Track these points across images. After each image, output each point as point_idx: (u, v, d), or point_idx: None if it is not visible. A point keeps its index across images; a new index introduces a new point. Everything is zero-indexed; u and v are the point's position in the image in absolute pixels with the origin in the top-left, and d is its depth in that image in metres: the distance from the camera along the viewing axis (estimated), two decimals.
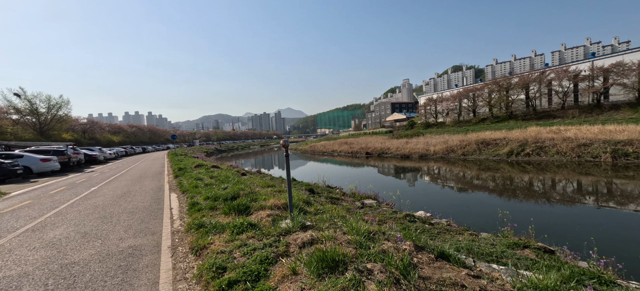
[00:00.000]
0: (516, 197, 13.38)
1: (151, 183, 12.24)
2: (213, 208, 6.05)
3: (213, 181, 9.58)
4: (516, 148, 25.70)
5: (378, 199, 11.40)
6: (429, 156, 31.65)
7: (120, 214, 6.86)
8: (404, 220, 7.84)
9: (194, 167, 15.32)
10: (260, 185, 8.56)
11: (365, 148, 41.52)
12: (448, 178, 19.85)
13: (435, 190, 16.10)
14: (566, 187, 14.90)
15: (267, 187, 8.35)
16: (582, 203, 11.91)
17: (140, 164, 25.01)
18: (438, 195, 14.82)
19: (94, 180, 14.32)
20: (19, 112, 50.48)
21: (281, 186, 8.96)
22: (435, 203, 12.22)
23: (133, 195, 9.37)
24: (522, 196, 13.48)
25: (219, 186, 8.47)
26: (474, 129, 39.65)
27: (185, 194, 8.70)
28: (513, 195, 13.78)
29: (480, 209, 11.57)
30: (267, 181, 9.99)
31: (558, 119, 37.64)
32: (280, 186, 8.94)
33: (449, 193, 15.34)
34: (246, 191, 7.06)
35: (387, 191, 13.30)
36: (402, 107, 80.00)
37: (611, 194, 12.83)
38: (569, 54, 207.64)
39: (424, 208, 9.44)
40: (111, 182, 13.28)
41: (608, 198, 12.42)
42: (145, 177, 14.64)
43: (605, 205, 11.31)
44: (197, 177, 10.62)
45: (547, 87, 43.31)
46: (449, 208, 11.37)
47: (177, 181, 11.64)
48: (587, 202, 11.99)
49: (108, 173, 17.79)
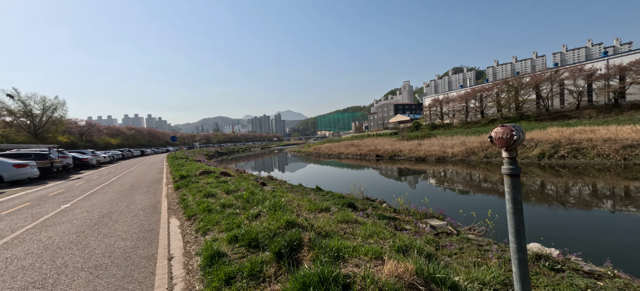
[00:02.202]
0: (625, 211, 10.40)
1: (144, 197, 9.06)
2: (254, 274, 2.90)
3: (232, 199, 6.41)
4: (548, 149, 22.90)
5: (446, 217, 8.39)
6: (447, 159, 28.76)
7: (71, 282, 3.67)
8: (533, 264, 4.83)
9: (199, 173, 12.13)
10: (308, 207, 5.45)
11: (375, 150, 38.54)
12: (492, 185, 16.90)
13: (498, 203, 12.76)
14: None
15: (319, 210, 5.25)
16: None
17: (136, 168, 21.68)
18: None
19: (73, 192, 11.06)
20: (13, 114, 46.69)
21: (343, 212, 5.84)
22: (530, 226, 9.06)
23: (113, 223, 6.19)
24: None
25: (245, 209, 5.35)
26: (485, 131, 36.95)
27: (192, 221, 5.56)
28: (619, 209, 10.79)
29: (610, 236, 8.50)
30: (312, 199, 6.87)
31: (574, 119, 35.06)
32: (342, 210, 5.83)
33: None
34: (297, 220, 3.97)
35: (437, 204, 10.29)
36: (405, 109, 77.18)
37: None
38: (570, 55, 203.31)
39: (540, 239, 6.37)
40: (93, 195, 10.05)
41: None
42: (138, 187, 11.42)
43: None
44: (208, 191, 7.42)
45: (560, 87, 40.79)
46: (565, 236, 7.98)
47: (178, 196, 8.47)
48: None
49: (95, 181, 14.50)
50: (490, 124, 44.45)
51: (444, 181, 18.91)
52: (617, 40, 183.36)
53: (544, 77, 40.42)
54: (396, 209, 9.19)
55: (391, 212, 9.04)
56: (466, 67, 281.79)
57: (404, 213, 8.88)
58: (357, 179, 22.68)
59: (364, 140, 50.06)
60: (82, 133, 61.79)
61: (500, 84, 45.41)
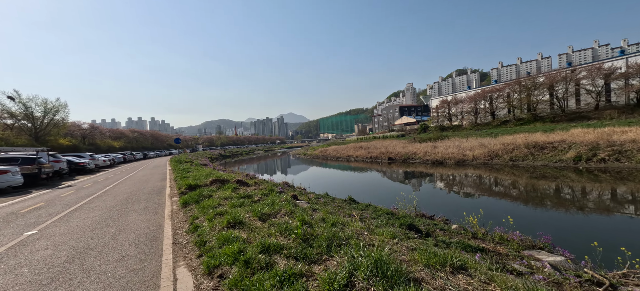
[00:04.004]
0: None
1: (140, 217, 6.63)
2: None
3: (275, 234, 3.94)
4: (585, 152, 20.50)
5: (554, 247, 5.99)
6: (468, 162, 26.31)
7: None
8: None
9: (210, 182, 9.68)
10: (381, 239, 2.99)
11: (386, 153, 36.08)
12: (547, 194, 14.48)
13: (608, 224, 9.60)
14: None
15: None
16: None
17: (137, 173, 19.19)
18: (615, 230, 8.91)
19: (53, 207, 8.59)
20: (13, 117, 44.14)
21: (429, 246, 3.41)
22: None
23: (85, 276, 3.74)
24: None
25: (309, 258, 2.92)
26: (498, 132, 34.61)
27: (216, 280, 3.13)
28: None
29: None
30: (369, 223, 4.41)
31: (594, 120, 32.77)
32: None
33: (619, 222, 9.43)
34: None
35: (521, 223, 7.87)
36: (410, 111, 74.57)
37: None
38: (576, 56, 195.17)
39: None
40: (76, 213, 7.59)
41: None
42: (134, 201, 8.97)
43: None
44: (231, 216, 4.72)
45: (575, 87, 38.48)
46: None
47: (187, 218, 6.02)
48: None
49: (86, 191, 12.03)
50: (502, 125, 42.11)
51: (489, 190, 16.39)
52: (624, 41, 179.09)
53: (560, 76, 38.16)
54: (475, 234, 6.76)
55: (468, 237, 6.62)
56: (470, 69, 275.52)
57: (488, 239, 6.45)
58: (381, 186, 20.20)
59: (372, 142, 47.66)
60: (84, 136, 59.20)
61: (513, 84, 43.17)
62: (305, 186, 15.89)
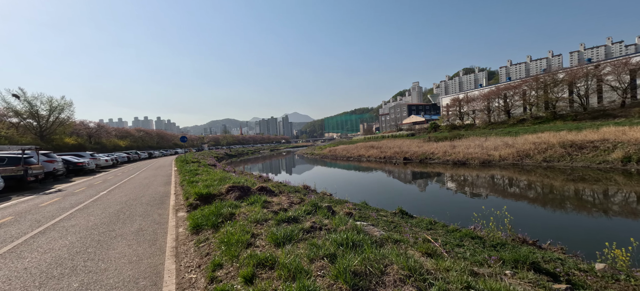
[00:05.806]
0: None
1: (130, 251, 4.29)
2: None
3: None
4: (635, 151, 17.95)
5: None
6: (494, 163, 23.77)
7: None
8: None
9: (226, 191, 7.32)
10: None
11: (401, 153, 33.56)
12: (624, 201, 12.01)
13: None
14: None
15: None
16: None
17: (139, 176, 16.89)
18: None
19: (20, 225, 6.26)
20: (19, 115, 42.09)
21: None
22: None
23: None
24: None
25: None
26: (518, 131, 31.99)
27: None
28: None
29: None
30: None
31: (621, 118, 30.09)
32: None
33: None
34: None
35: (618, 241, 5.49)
36: (418, 109, 71.84)
37: None
38: (588, 54, 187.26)
39: None
40: (43, 235, 5.25)
41: None
42: (128, 217, 6.63)
43: None
44: (287, 272, 2.40)
45: (598, 84, 35.76)
46: None
47: (202, 261, 3.66)
48: None
49: (74, 199, 9.69)
50: (519, 124, 39.45)
51: (558, 199, 13.87)
52: (639, 38, 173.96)
53: (582, 72, 35.46)
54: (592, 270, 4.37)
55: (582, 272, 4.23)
56: (477, 68, 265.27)
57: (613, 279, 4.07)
58: (414, 192, 17.63)
59: (383, 142, 45.15)
60: (90, 135, 57.24)
61: (530, 81, 40.48)
62: (327, 189, 13.50)
